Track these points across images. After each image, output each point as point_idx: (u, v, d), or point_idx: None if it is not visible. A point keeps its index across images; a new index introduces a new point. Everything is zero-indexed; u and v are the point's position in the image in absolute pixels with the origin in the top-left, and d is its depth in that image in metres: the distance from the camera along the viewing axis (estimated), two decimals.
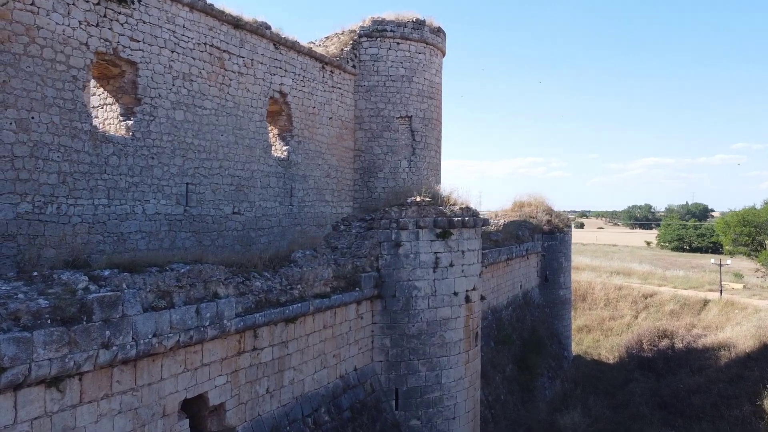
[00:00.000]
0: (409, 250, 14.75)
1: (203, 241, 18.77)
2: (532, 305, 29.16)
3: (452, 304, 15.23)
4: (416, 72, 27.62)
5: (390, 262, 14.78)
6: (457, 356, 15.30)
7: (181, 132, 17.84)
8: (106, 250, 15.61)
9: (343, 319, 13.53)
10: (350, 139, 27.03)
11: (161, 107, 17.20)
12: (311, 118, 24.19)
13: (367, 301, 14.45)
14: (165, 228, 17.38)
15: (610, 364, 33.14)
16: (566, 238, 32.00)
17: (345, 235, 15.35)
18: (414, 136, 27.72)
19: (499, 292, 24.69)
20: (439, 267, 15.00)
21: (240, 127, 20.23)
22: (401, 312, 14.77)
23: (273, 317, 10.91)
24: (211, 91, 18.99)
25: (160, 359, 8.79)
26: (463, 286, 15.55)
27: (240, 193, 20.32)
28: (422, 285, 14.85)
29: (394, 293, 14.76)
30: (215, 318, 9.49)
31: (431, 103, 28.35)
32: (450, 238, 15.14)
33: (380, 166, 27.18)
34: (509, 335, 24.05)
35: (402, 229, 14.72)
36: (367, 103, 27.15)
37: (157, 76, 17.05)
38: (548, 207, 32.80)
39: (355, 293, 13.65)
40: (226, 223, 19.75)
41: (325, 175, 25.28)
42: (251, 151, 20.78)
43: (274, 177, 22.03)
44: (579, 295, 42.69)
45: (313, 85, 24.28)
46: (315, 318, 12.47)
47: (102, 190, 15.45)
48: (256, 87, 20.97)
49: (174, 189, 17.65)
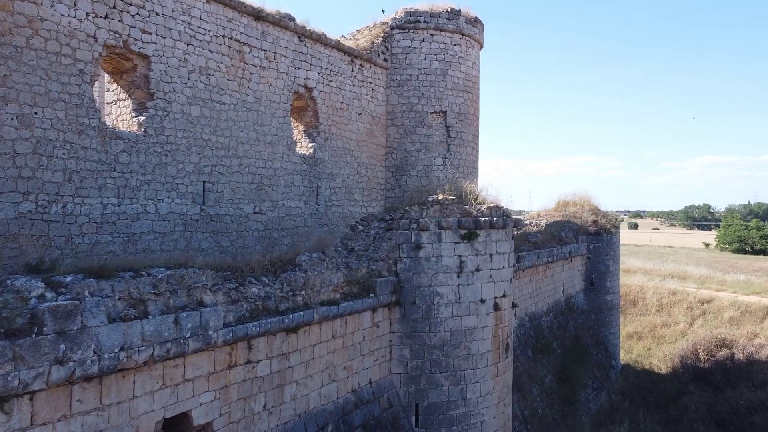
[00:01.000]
0: (430, 253, 13.53)
1: (221, 242, 18.03)
2: (576, 311, 27.38)
3: (479, 312, 13.91)
4: (451, 65, 26.29)
5: (409, 266, 13.59)
6: (484, 369, 13.98)
7: (197, 128, 17.12)
8: (116, 251, 15.00)
9: (356, 328, 12.43)
10: (381, 135, 25.93)
11: (176, 102, 16.50)
12: (339, 113, 23.21)
13: (384, 309, 13.30)
14: (180, 228, 16.68)
15: (663, 375, 30.93)
16: (614, 239, 30.01)
17: (363, 236, 14.26)
18: (449, 132, 26.41)
19: (539, 298, 23.12)
20: (463, 272, 13.72)
21: (261, 123, 19.41)
22: (422, 320, 13.56)
23: (270, 327, 9.90)
24: (230, 86, 18.22)
25: (132, 375, 7.88)
26: (492, 293, 14.21)
27: (262, 192, 19.50)
28: (445, 291, 13.60)
29: (414, 300, 13.56)
30: (198, 329, 8.53)
31: (467, 97, 26.96)
32: (476, 240, 13.83)
33: (413, 163, 25.98)
34: (549, 344, 22.46)
35: (422, 230, 13.51)
36: (399, 98, 25.99)
37: (171, 70, 16.37)
38: (594, 206, 30.87)
39: (369, 300, 12.52)
40: (246, 223, 18.96)
41: (354, 173, 24.27)
42: (274, 148, 19.94)
43: (298, 175, 21.15)
44: (629, 300, 40.34)
45: (342, 80, 23.30)
46: (322, 327, 11.41)
47: (111, 188, 14.83)
48: (279, 81, 20.12)
49: (190, 187, 16.94)
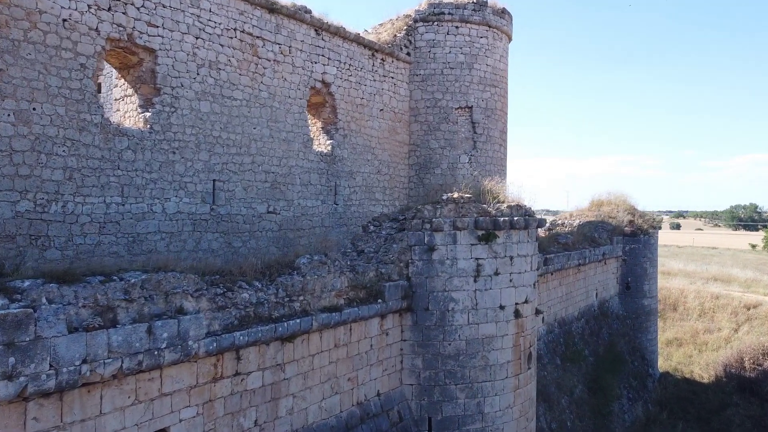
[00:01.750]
0: (444, 256, 12.57)
1: (233, 243, 17.40)
2: (611, 316, 25.95)
3: (498, 319, 12.89)
4: (477, 58, 25.20)
5: (422, 270, 12.65)
6: (503, 381, 12.94)
7: (207, 124, 16.52)
8: (120, 251, 14.49)
9: (362, 336, 11.56)
10: (404, 132, 25.02)
11: (184, 98, 15.93)
12: (359, 109, 22.39)
13: (393, 315, 12.40)
14: (188, 228, 16.11)
15: (705, 384, 29.17)
16: (651, 240, 28.42)
17: (374, 237, 13.40)
18: (475, 129, 25.32)
19: (569, 302, 21.87)
20: (481, 276, 12.71)
21: (276, 119, 18.73)
22: (435, 328, 12.60)
23: (262, 336, 9.12)
24: (242, 81, 17.58)
25: (99, 390, 7.19)
26: (512, 299, 13.16)
27: (276, 191, 18.82)
28: (460, 296, 12.62)
29: (426, 306, 12.62)
30: (175, 338, 7.79)
31: (494, 91, 25.81)
32: (495, 242, 12.81)
33: (437, 161, 24.98)
34: (580, 351, 21.20)
35: (436, 230, 12.55)
36: (422, 93, 25.03)
37: (179, 65, 15.80)
38: (631, 206, 29.31)
39: (377, 306, 11.64)
40: (259, 223, 18.30)
41: (375, 171, 23.42)
42: (289, 145, 19.24)
43: (315, 173, 20.40)
44: (669, 304, 38.44)
45: (362, 74, 22.47)
46: (323, 335, 10.58)
47: (115, 187, 14.32)
48: (294, 76, 19.41)
49: (199, 186, 16.35)
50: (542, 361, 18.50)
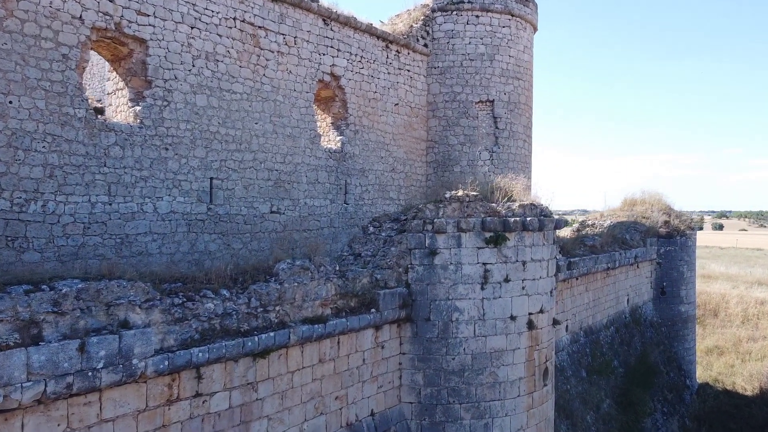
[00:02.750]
0: (447, 260, 11.33)
1: (233, 245, 16.46)
2: (644, 324, 24.22)
3: (508, 331, 11.58)
4: (499, 49, 23.79)
5: (423, 276, 11.44)
6: (515, 400, 11.62)
7: (203, 119, 15.62)
8: (107, 254, 13.66)
9: (353, 350, 10.41)
10: (421, 128, 23.78)
11: (178, 91, 15.05)
12: (372, 104, 21.26)
13: (390, 326, 11.22)
14: (183, 229, 15.22)
15: (748, 398, 27.11)
16: (689, 242, 26.51)
17: (373, 239, 12.25)
18: (496, 124, 23.93)
19: (596, 309, 20.31)
20: (489, 282, 11.42)
21: (280, 114, 17.73)
22: (437, 340, 11.37)
23: (227, 351, 8.05)
24: (243, 73, 16.63)
25: (20, 417, 6.20)
26: (525, 308, 11.83)
27: (280, 190, 17.82)
28: (466, 306, 11.36)
29: (428, 316, 11.40)
30: (115, 357, 6.78)
31: (518, 84, 24.36)
32: (505, 245, 11.50)
33: (456, 158, 23.66)
34: (608, 362, 19.63)
35: (438, 232, 11.32)
36: (441, 87, 23.75)
37: (173, 56, 14.92)
38: (666, 205, 27.44)
39: (369, 316, 10.47)
40: (262, 223, 17.33)
41: (389, 169, 22.25)
42: (294, 141, 18.23)
43: (323, 171, 19.35)
44: (709, 310, 36.23)
45: (375, 67, 21.33)
46: (304, 350, 9.47)
47: (101, 185, 13.50)
48: (300, 68, 18.38)
49: (194, 184, 15.46)
50: (565, 373, 17.06)
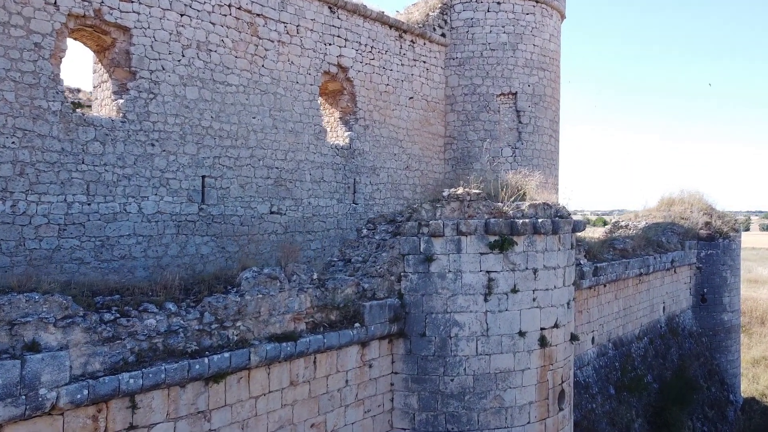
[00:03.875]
0: (445, 268, 9.95)
1: (228, 248, 15.38)
2: (682, 334, 22.30)
3: (516, 349, 10.13)
4: (522, 37, 22.22)
5: (417, 285, 10.08)
6: (524, 428, 10.17)
7: (194, 113, 14.58)
8: (85, 257, 12.72)
9: (333, 370, 9.13)
10: (439, 123, 22.37)
11: (166, 83, 14.04)
12: (384, 97, 19.97)
13: (380, 342, 9.90)
14: (171, 231, 14.21)
15: None
16: (732, 245, 24.41)
17: (365, 243, 10.96)
18: (520, 118, 22.35)
19: (627, 319, 18.57)
20: (493, 293, 10.00)
21: (280, 107, 16.60)
22: (434, 359, 10.00)
23: (167, 377, 6.87)
24: (239, 64, 15.55)
25: None
26: (536, 322, 10.36)
27: (281, 189, 16.69)
28: (467, 320, 9.96)
29: (423, 331, 10.04)
30: (16, 386, 5.66)
31: (543, 75, 22.74)
32: (512, 251, 10.06)
33: (476, 155, 22.17)
34: (640, 377, 17.89)
35: (435, 235, 9.95)
36: (460, 79, 22.30)
37: (160, 45, 13.92)
38: (707, 205, 25.37)
39: (351, 332, 9.17)
40: (260, 225, 16.21)
41: (403, 166, 20.91)
42: (297, 137, 17.07)
43: (330, 169, 18.14)
44: (756, 318, 33.77)
45: (387, 58, 20.03)
46: (272, 371, 8.24)
47: (78, 183, 12.56)
48: (303, 59, 17.22)
49: (184, 183, 14.43)
50: (590, 391, 15.46)
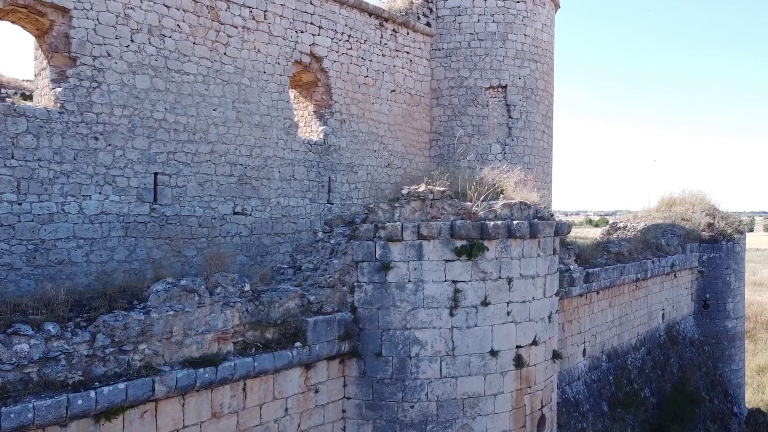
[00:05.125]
0: (405, 277, 8.63)
1: (184, 251, 14.11)
2: (683, 343, 20.94)
3: (487, 370, 8.80)
4: (513, 27, 20.90)
5: (372, 297, 8.76)
6: None
7: (145, 104, 13.32)
8: (15, 263, 11.44)
9: (269, 397, 7.83)
10: (424, 118, 21.06)
11: (111, 70, 12.77)
12: (363, 90, 18.67)
13: (329, 363, 8.58)
14: (118, 233, 12.94)
15: None
16: (737, 247, 23.03)
17: (320, 247, 9.64)
18: (510, 113, 21.04)
19: (623, 328, 17.22)
20: (460, 306, 8.68)
21: (245, 99, 15.32)
22: (391, 382, 8.68)
23: (36, 416, 5.57)
24: (198, 51, 14.28)
25: None
26: (510, 340, 9.04)
27: (245, 187, 15.41)
28: (429, 337, 8.64)
29: (378, 350, 8.72)
30: None
31: (535, 67, 21.41)
32: (482, 257, 8.74)
33: (464, 152, 20.82)
34: (637, 392, 16.53)
35: (392, 240, 8.64)
36: (446, 71, 20.99)
37: (105, 29, 12.66)
38: (710, 206, 23.99)
39: (289, 353, 7.85)
40: (222, 226, 14.93)
41: (384, 164, 19.62)
42: (264, 131, 15.78)
43: (301, 166, 16.85)
44: (761, 323, 32.37)
45: (366, 48, 18.73)
46: (187, 402, 6.93)
47: (7, 181, 11.31)
48: (271, 47, 15.94)
49: (133, 180, 13.16)
50: (581, 408, 14.12)
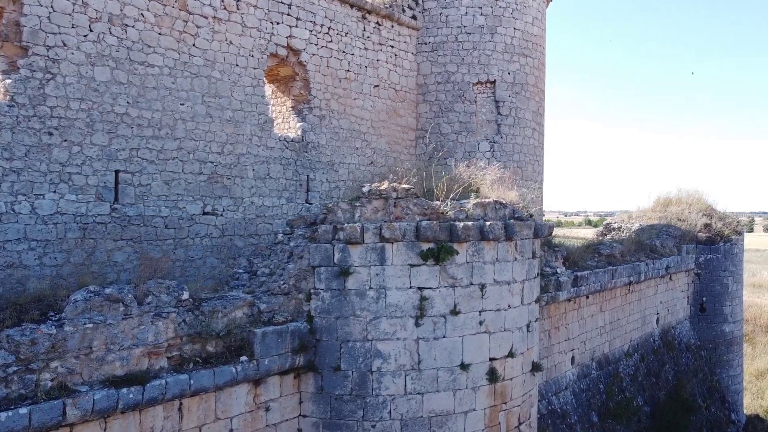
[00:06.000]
0: (365, 283, 7.86)
1: (151, 253, 13.32)
2: (678, 348, 20.18)
3: (457, 385, 8.03)
4: (502, 20, 20.13)
5: (330, 305, 7.99)
6: None
7: (105, 98, 12.55)
8: None
9: (210, 418, 7.05)
10: (409, 114, 20.30)
11: (68, 61, 12.01)
12: (344, 85, 17.90)
13: (282, 378, 7.81)
14: (75, 235, 12.18)
15: None
16: (735, 249, 22.28)
17: (279, 251, 8.88)
18: (499, 109, 20.27)
19: (614, 334, 16.44)
20: (427, 316, 7.91)
21: (216, 93, 14.56)
22: (351, 399, 7.90)
23: None
24: (163, 42, 13.51)
25: None
26: (483, 351, 8.26)
27: (216, 186, 14.65)
28: (392, 350, 7.87)
29: (337, 363, 7.94)
30: None
31: (526, 62, 20.64)
32: (451, 261, 7.98)
33: (451, 150, 20.05)
34: (629, 400, 15.77)
35: (351, 242, 7.87)
36: (432, 66, 20.23)
37: (60, 17, 11.90)
38: (707, 206, 23.24)
39: (232, 368, 7.07)
40: (190, 227, 14.17)
41: (367, 162, 18.85)
42: (237, 127, 15.02)
43: (278, 164, 16.09)
44: (760, 326, 31.59)
45: (347, 41, 17.96)
46: (109, 427, 6.16)
47: None
48: (245, 39, 15.18)
49: (92, 179, 12.40)
50: (568, 420, 13.37)
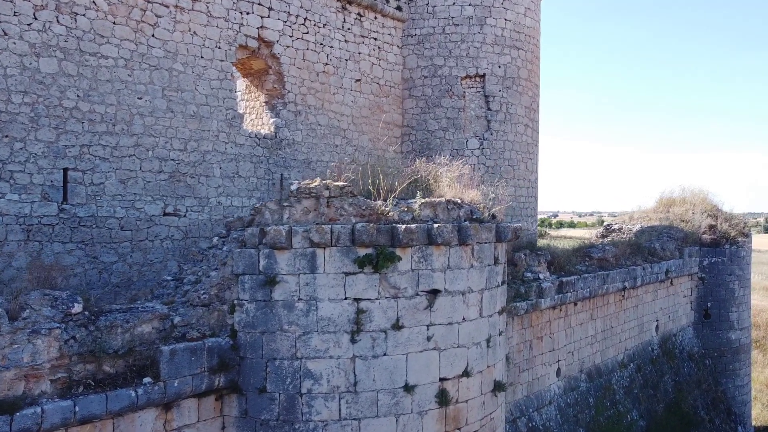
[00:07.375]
0: (294, 294, 6.94)
1: (101, 257, 12.54)
2: (679, 357, 19.03)
3: (400, 410, 7.08)
4: (492, 11, 19.14)
5: (255, 319, 7.08)
6: None
7: (52, 91, 11.77)
8: None
9: None
10: (394, 110, 19.37)
11: (9, 51, 11.26)
12: (321, 79, 17.02)
13: (200, 401, 6.91)
14: (18, 237, 11.41)
15: None
16: (741, 252, 21.06)
17: (211, 256, 8.00)
18: (489, 104, 19.28)
19: (607, 343, 15.37)
20: (365, 331, 6.97)
21: (178, 87, 13.74)
22: (278, 425, 6.99)
23: None
24: (118, 32, 12.72)
25: None
26: (432, 371, 7.31)
27: (179, 185, 13.83)
28: (325, 369, 6.94)
29: (262, 385, 7.03)
30: None
31: (517, 55, 19.62)
32: (392, 269, 7.03)
33: (438, 147, 19.10)
34: (621, 414, 14.69)
35: (278, 248, 6.95)
36: (419, 60, 19.28)
37: (1, 5, 11.12)
38: (712, 206, 22.04)
39: (131, 392, 6.19)
40: (149, 228, 13.36)
41: (348, 161, 17.86)
42: (201, 122, 14.20)
43: (248, 162, 15.25)
44: None
45: (325, 33, 17.07)
46: None
47: None
48: (210, 30, 14.35)
49: (37, 177, 11.63)
50: None
